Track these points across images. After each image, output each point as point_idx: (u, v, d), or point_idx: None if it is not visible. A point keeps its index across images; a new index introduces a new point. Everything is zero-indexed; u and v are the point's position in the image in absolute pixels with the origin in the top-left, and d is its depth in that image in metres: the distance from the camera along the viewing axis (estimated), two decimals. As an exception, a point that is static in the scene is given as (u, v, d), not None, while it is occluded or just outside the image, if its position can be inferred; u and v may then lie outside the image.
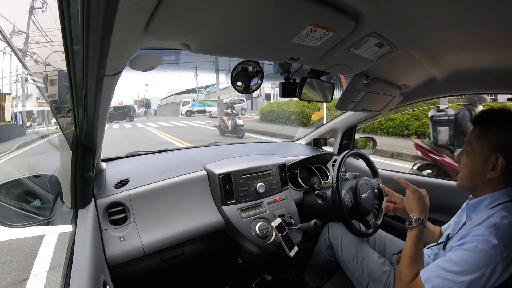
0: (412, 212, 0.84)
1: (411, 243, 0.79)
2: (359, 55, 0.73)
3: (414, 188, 0.88)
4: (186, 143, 7.41)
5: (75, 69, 0.48)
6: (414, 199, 0.86)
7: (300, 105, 9.43)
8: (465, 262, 0.63)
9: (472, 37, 0.70)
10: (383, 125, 6.61)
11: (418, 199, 0.85)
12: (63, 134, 0.78)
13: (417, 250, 0.78)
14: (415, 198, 0.86)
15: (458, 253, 0.66)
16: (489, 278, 0.60)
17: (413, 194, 0.87)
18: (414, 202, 0.85)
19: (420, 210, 0.83)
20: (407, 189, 0.89)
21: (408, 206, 0.87)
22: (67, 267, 0.65)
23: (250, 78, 0.83)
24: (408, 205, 0.87)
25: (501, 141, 0.70)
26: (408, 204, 0.87)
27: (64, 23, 0.38)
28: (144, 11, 0.41)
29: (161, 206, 1.06)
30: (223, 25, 0.50)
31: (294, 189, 1.44)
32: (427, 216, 0.84)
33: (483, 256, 0.62)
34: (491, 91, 1.19)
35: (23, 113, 9.68)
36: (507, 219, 0.65)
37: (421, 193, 0.87)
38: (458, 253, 0.66)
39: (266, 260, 1.24)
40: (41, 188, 0.88)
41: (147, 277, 1.20)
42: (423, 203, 0.85)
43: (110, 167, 1.21)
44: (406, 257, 0.78)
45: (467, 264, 0.63)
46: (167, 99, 29.47)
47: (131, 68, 0.64)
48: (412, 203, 0.86)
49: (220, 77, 15.68)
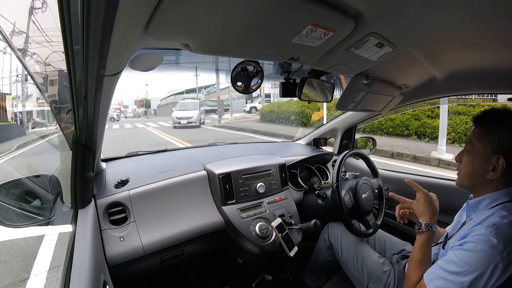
0: (422, 216, 0.83)
1: (419, 247, 0.79)
2: (359, 55, 0.73)
3: (426, 192, 0.86)
4: (186, 143, 7.41)
5: (75, 69, 0.48)
6: (426, 203, 0.84)
7: (300, 105, 9.43)
8: (465, 263, 0.63)
9: (472, 37, 0.70)
10: (383, 125, 6.61)
11: (429, 203, 0.84)
12: (63, 134, 0.77)
13: (425, 254, 0.78)
14: (426, 202, 0.84)
15: (458, 253, 0.66)
16: (490, 278, 0.60)
17: (424, 197, 0.85)
18: (425, 207, 0.83)
19: (430, 214, 0.82)
20: (418, 192, 0.87)
21: (419, 210, 0.85)
22: (67, 267, 0.65)
23: (250, 78, 0.82)
24: (418, 209, 0.85)
25: (502, 141, 0.70)
26: (419, 208, 0.85)
27: (64, 23, 0.38)
28: (144, 11, 0.41)
29: (161, 206, 1.06)
30: (223, 25, 0.50)
31: (294, 189, 1.44)
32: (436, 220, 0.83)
33: (483, 256, 0.62)
34: (491, 91, 1.19)
35: (23, 113, 9.68)
36: (506, 219, 0.65)
37: (432, 197, 0.85)
38: (458, 253, 0.66)
39: (266, 260, 1.24)
40: (41, 188, 0.88)
41: (147, 277, 1.20)
42: (434, 208, 0.83)
43: (110, 167, 1.21)
44: (413, 261, 0.78)
45: (467, 265, 0.63)
46: (167, 99, 29.51)
47: (131, 68, 0.64)
48: (423, 207, 0.84)
49: (220, 77, 15.65)
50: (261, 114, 12.24)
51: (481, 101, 4.13)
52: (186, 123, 12.00)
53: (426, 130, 6.15)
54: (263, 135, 8.83)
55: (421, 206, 0.84)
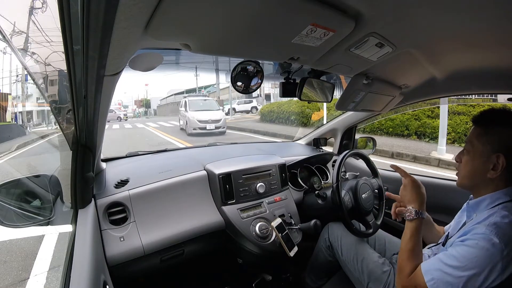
0: (410, 203, 0.82)
1: (410, 235, 0.78)
2: (359, 55, 0.73)
3: (413, 178, 0.85)
4: (186, 143, 7.41)
5: (75, 69, 0.48)
6: (414, 189, 0.83)
7: (300, 105, 9.43)
8: (465, 258, 0.64)
9: (472, 37, 0.70)
10: (383, 125, 6.61)
11: (417, 188, 0.83)
12: (63, 134, 0.77)
13: (417, 242, 0.77)
14: (414, 188, 0.83)
15: (459, 248, 0.66)
16: (488, 276, 0.61)
17: (412, 183, 0.84)
18: (413, 193, 0.82)
19: (419, 201, 0.81)
20: (405, 178, 0.86)
21: (407, 196, 0.84)
22: (67, 267, 0.65)
23: (250, 78, 0.83)
24: (406, 196, 0.84)
25: (502, 141, 0.70)
26: (407, 194, 0.84)
27: (64, 23, 0.38)
28: (144, 11, 0.41)
29: (161, 206, 1.06)
30: (223, 25, 0.50)
31: (294, 189, 1.44)
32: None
33: (483, 254, 0.62)
34: (491, 91, 1.19)
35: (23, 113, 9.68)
36: (507, 218, 0.65)
37: (420, 183, 0.84)
38: (459, 249, 0.66)
39: (266, 260, 1.24)
40: (41, 188, 0.88)
41: (147, 277, 1.20)
42: (422, 194, 0.82)
43: (110, 167, 1.21)
44: (405, 251, 0.77)
45: (467, 260, 0.63)
46: (167, 99, 29.49)
47: (131, 68, 0.63)
48: (411, 194, 0.83)
49: (220, 77, 15.67)
50: (261, 114, 12.24)
51: (481, 101, 4.14)
52: (214, 128, 8.80)
53: (426, 130, 6.15)
54: (263, 135, 8.82)
55: (409, 192, 0.83)
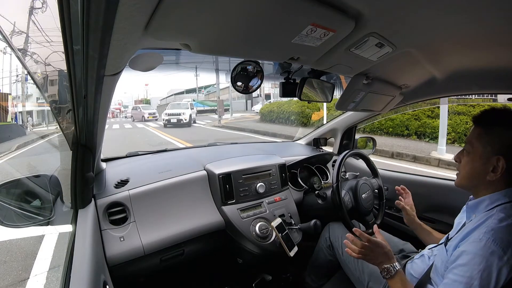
0: (381, 264, 0.79)
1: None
2: (359, 55, 0.73)
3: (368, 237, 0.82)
4: (186, 143, 7.41)
5: (75, 69, 0.48)
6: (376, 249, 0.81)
7: (300, 105, 9.43)
8: (468, 278, 0.62)
9: (472, 37, 0.70)
10: (383, 125, 6.61)
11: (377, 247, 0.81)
12: (63, 134, 0.77)
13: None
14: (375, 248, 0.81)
15: (457, 271, 0.65)
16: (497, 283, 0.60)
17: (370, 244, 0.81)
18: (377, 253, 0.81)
19: (388, 257, 0.80)
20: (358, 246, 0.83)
21: (374, 259, 0.81)
22: (67, 267, 0.65)
23: (250, 78, 0.83)
24: (372, 259, 0.82)
25: (502, 142, 0.69)
26: (372, 258, 0.81)
27: (64, 23, 0.38)
28: (144, 12, 0.41)
29: (161, 206, 1.06)
30: (223, 25, 0.50)
31: (294, 189, 1.44)
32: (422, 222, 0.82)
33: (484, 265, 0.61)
34: (491, 91, 1.19)
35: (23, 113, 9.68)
36: (504, 222, 0.65)
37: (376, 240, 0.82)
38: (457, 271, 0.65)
39: (266, 260, 1.24)
40: (41, 188, 0.88)
41: (147, 277, 1.19)
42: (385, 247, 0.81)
43: (110, 167, 1.21)
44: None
45: (471, 279, 0.61)
46: (167, 99, 29.50)
47: (131, 68, 0.63)
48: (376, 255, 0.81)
49: (220, 77, 15.65)
50: (261, 114, 12.24)
51: (481, 101, 4.13)
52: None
53: (426, 130, 6.15)
54: (263, 135, 8.82)
55: (374, 254, 0.81)
